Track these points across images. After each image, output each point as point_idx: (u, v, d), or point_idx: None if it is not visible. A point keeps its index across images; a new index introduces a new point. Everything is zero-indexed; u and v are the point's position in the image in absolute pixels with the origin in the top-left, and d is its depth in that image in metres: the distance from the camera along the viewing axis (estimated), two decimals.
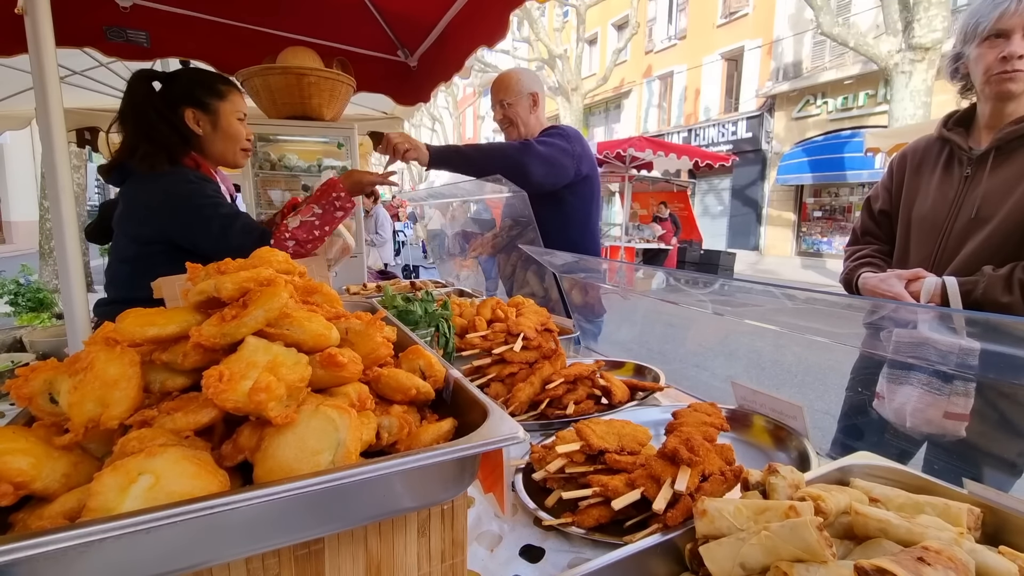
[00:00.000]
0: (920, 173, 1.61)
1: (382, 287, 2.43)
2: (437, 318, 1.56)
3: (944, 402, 1.40)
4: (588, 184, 2.44)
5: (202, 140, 1.70)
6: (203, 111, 1.67)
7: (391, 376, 0.75)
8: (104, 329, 0.66)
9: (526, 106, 2.38)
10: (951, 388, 1.39)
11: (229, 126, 1.71)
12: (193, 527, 0.48)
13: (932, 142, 1.62)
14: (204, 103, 1.67)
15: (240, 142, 1.76)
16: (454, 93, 30.14)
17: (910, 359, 1.32)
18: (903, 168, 1.67)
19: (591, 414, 1.33)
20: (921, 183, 1.60)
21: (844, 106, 14.68)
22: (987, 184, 1.43)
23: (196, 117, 1.66)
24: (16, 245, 16.91)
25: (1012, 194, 1.37)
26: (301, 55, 2.91)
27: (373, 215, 7.45)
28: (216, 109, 1.69)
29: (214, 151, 1.73)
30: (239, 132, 1.74)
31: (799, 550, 0.60)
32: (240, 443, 0.60)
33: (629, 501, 0.85)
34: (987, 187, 1.43)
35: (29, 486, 0.54)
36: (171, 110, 1.64)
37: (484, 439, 0.62)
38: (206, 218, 1.57)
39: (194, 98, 1.66)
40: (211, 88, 1.69)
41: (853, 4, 14.27)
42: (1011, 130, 1.39)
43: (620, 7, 21.16)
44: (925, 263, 1.51)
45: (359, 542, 0.62)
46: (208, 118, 1.68)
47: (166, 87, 1.68)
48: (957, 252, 1.46)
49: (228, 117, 1.71)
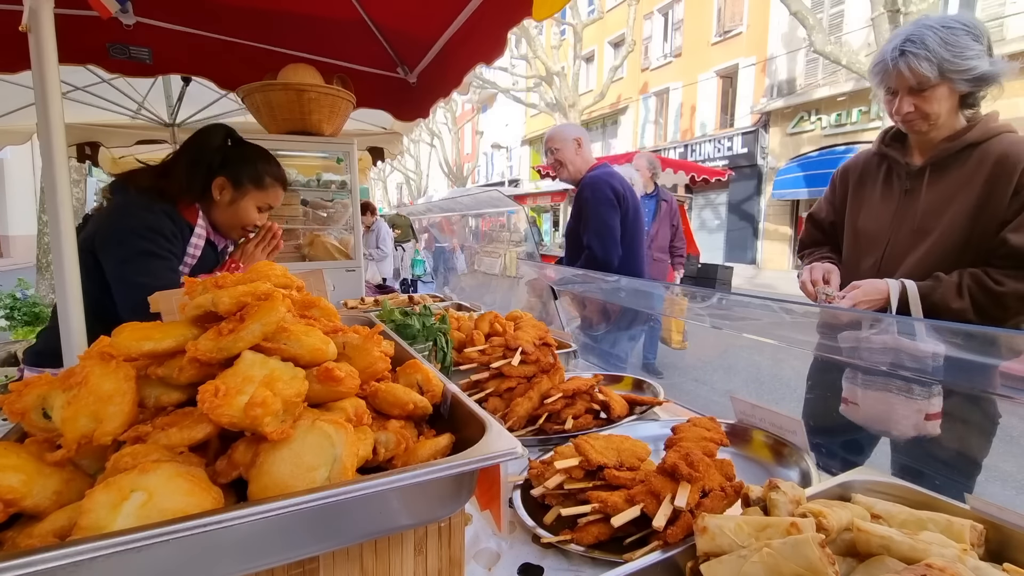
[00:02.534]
0: (862, 186, 1.72)
1: (380, 301, 2.42)
2: (435, 332, 1.56)
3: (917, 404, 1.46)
4: (637, 217, 2.90)
5: (214, 205, 1.71)
6: (233, 186, 1.70)
7: (388, 391, 0.75)
8: (99, 343, 0.66)
9: (572, 148, 2.88)
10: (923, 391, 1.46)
11: (245, 211, 1.74)
12: (186, 546, 0.47)
13: (871, 157, 1.72)
14: (238, 180, 1.70)
15: (245, 226, 1.79)
16: (453, 109, 30.46)
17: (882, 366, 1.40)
18: (846, 182, 1.77)
19: (590, 429, 1.32)
20: (864, 196, 1.71)
21: (838, 122, 14.88)
22: (926, 198, 1.54)
23: (223, 186, 1.69)
24: (14, 259, 16.89)
25: (950, 208, 1.48)
26: (302, 72, 2.95)
27: (374, 230, 7.46)
28: (245, 191, 1.71)
29: (215, 216, 1.74)
30: (250, 219, 1.76)
31: (801, 568, 0.59)
32: (235, 459, 0.60)
33: (629, 518, 0.84)
34: (926, 201, 1.53)
35: (19, 503, 0.53)
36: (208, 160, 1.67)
37: (482, 455, 0.62)
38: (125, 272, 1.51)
39: (233, 170, 1.69)
40: (254, 173, 1.72)
41: (845, 23, 14.55)
42: (945, 148, 1.50)
43: (616, 26, 21.54)
44: (870, 272, 1.61)
45: (354, 560, 0.61)
46: (232, 193, 1.70)
47: (230, 149, 1.72)
48: (901, 261, 1.56)
49: (250, 203, 1.74)
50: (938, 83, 1.43)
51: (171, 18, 2.76)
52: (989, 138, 1.46)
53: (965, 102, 1.48)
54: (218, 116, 4.42)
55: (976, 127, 1.48)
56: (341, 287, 3.31)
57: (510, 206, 10.65)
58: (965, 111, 1.51)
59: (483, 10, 2.35)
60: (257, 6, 2.65)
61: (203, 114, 4.34)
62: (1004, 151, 1.42)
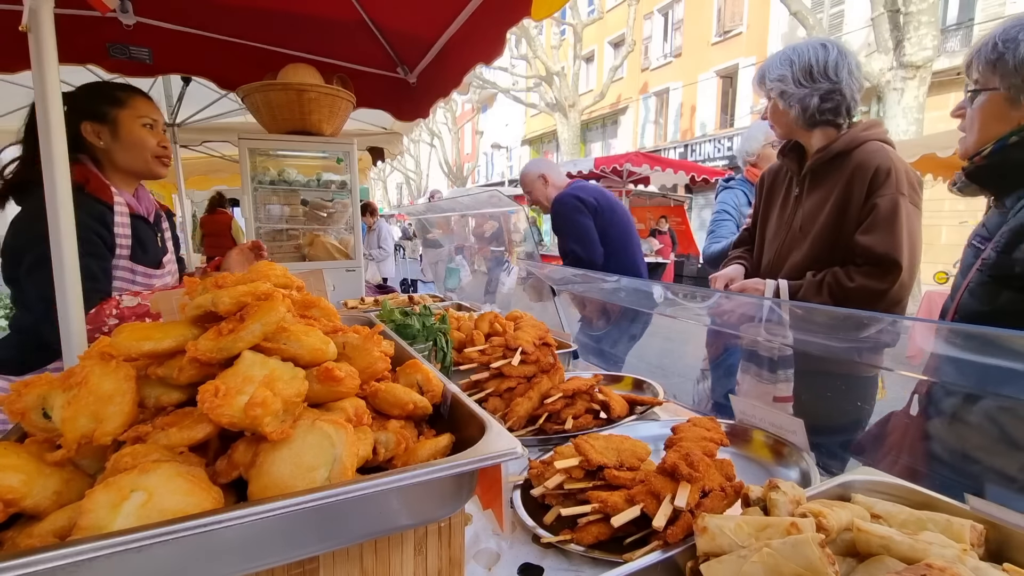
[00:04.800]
0: (772, 193, 1.91)
1: (380, 301, 2.42)
2: (435, 332, 1.56)
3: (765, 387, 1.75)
4: (615, 216, 3.00)
5: (104, 152, 1.59)
6: (100, 122, 1.56)
7: (388, 391, 0.75)
8: (100, 344, 0.66)
9: (540, 186, 3.10)
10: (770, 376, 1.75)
11: (130, 133, 1.59)
12: (185, 545, 0.47)
13: (780, 165, 1.90)
14: (100, 113, 1.57)
15: (149, 149, 1.63)
16: (453, 109, 30.47)
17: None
18: (762, 189, 1.97)
19: (590, 429, 1.32)
20: (771, 201, 1.90)
21: None
22: (805, 204, 1.73)
23: (95, 129, 1.56)
24: None
25: (822, 212, 1.64)
26: (302, 71, 2.95)
27: (376, 229, 7.46)
28: (115, 118, 1.58)
29: (119, 162, 1.61)
30: (144, 139, 1.61)
31: (801, 568, 0.59)
32: (235, 459, 0.60)
33: (629, 518, 0.84)
34: (805, 206, 1.72)
35: (19, 503, 0.53)
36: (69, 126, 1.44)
37: (482, 455, 0.62)
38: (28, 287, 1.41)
39: (89, 110, 1.56)
40: (107, 96, 1.59)
41: (845, 23, 14.54)
42: (817, 157, 1.67)
43: (616, 25, 21.53)
44: (766, 270, 1.84)
45: (354, 560, 0.61)
46: (107, 128, 1.57)
47: (66, 105, 1.49)
48: (786, 260, 1.75)
49: (129, 124, 1.59)
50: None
51: (171, 18, 2.75)
52: (855, 147, 1.61)
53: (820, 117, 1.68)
54: (218, 116, 4.42)
55: (843, 137, 1.64)
56: (341, 287, 3.31)
57: (510, 206, 10.62)
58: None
59: (483, 10, 2.35)
60: (257, 6, 2.65)
61: (203, 114, 4.34)
62: (861, 160, 1.58)
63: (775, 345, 1.66)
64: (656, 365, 3.09)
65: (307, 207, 3.66)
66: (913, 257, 1.54)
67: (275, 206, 3.62)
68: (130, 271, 1.58)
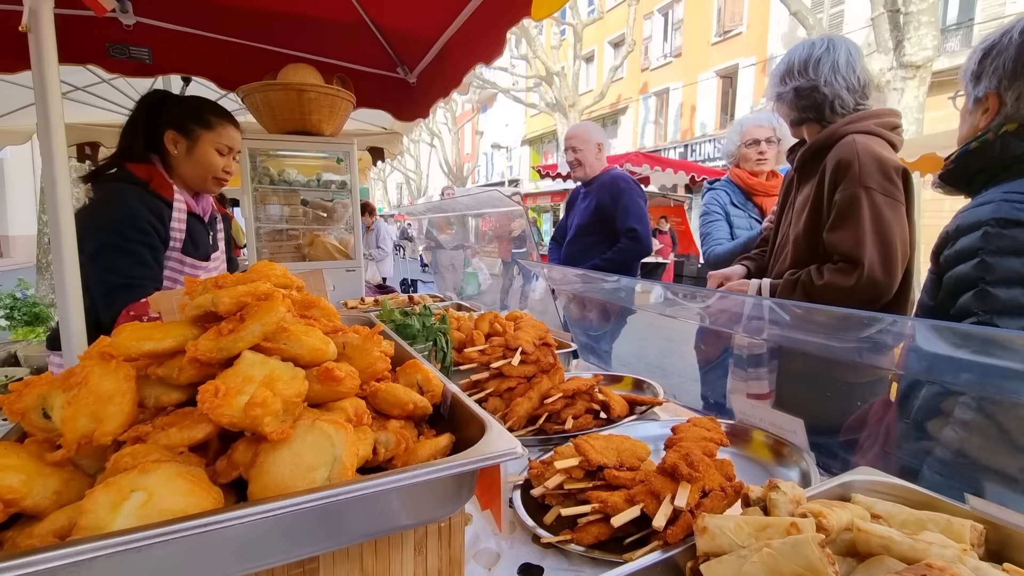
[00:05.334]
0: (787, 192, 1.93)
1: (380, 301, 2.42)
2: (435, 332, 1.56)
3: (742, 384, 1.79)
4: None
5: (174, 159, 1.74)
6: (183, 135, 1.72)
7: (388, 391, 0.75)
8: (99, 344, 0.66)
9: (593, 151, 3.04)
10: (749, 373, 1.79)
11: (204, 155, 1.75)
12: (185, 545, 0.47)
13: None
14: (187, 128, 1.72)
15: (212, 172, 1.79)
16: (453, 109, 30.46)
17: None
18: (782, 189, 1.98)
19: (590, 429, 1.32)
20: (784, 202, 1.92)
21: None
22: (794, 202, 1.76)
23: (175, 139, 1.71)
24: (14, 259, 16.88)
25: (805, 210, 1.67)
26: (302, 72, 2.95)
27: (374, 229, 7.46)
28: (197, 136, 1.73)
29: (183, 173, 1.76)
30: (213, 163, 1.77)
31: (801, 568, 0.59)
32: (235, 459, 0.60)
33: (629, 518, 0.84)
34: (795, 205, 1.75)
35: (19, 503, 0.53)
36: (154, 128, 1.70)
37: (482, 455, 0.62)
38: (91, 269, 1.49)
39: (178, 122, 1.72)
40: (199, 116, 1.75)
41: (845, 23, 14.54)
42: (801, 154, 1.71)
43: (616, 25, 21.53)
44: (770, 270, 1.88)
45: (354, 560, 0.61)
46: (186, 142, 1.73)
47: (162, 108, 1.74)
48: (778, 259, 1.79)
49: (206, 146, 1.75)
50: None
51: (171, 18, 2.75)
52: (833, 143, 1.59)
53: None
54: None
55: (823, 132, 1.65)
56: (341, 287, 3.31)
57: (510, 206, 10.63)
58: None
59: (483, 10, 2.35)
60: (257, 6, 2.65)
61: None
62: (833, 155, 1.57)
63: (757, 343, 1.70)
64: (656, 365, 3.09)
65: (307, 207, 3.65)
66: (887, 252, 1.47)
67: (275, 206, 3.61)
68: (179, 262, 1.74)
